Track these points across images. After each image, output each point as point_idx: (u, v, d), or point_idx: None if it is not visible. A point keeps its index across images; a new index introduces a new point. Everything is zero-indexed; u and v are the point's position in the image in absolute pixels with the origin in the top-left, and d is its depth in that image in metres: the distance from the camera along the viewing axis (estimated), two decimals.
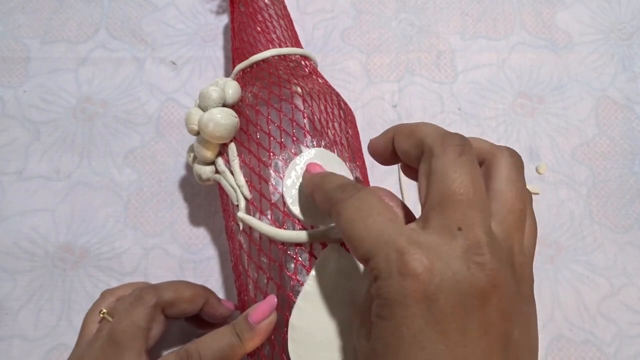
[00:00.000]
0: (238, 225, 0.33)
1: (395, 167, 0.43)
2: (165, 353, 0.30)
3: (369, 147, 0.28)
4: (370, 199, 0.24)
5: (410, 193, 0.42)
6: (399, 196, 0.42)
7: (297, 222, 0.31)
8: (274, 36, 0.39)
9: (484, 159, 0.25)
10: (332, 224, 0.30)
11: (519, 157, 0.25)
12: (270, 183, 0.32)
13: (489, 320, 0.21)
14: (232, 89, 0.35)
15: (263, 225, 0.31)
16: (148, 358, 0.31)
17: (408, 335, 0.20)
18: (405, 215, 0.25)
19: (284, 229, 0.30)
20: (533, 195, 0.42)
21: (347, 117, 0.37)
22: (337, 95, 0.38)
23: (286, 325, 0.29)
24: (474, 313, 0.20)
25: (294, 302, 0.29)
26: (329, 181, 0.27)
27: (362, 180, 0.35)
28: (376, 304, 0.22)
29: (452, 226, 0.21)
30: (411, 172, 0.28)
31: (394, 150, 0.26)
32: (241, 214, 0.32)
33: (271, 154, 0.32)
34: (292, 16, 0.43)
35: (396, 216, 0.23)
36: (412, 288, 0.20)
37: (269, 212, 0.31)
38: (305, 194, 0.31)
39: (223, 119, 0.33)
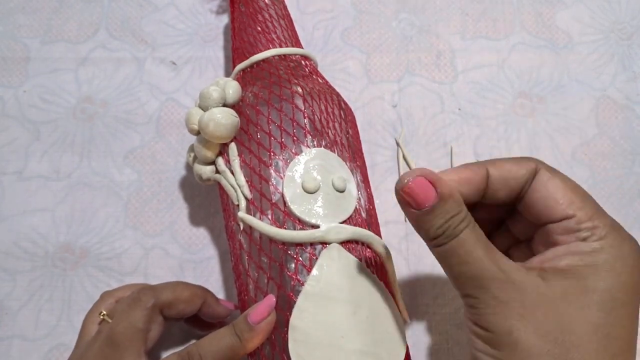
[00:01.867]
0: (238, 225, 0.33)
1: (395, 167, 0.43)
2: (165, 355, 0.30)
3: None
4: None
5: None
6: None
7: (297, 222, 0.31)
8: (274, 36, 0.39)
9: None
10: (333, 224, 0.30)
11: None
12: (270, 183, 0.32)
13: None
14: (233, 88, 0.35)
15: (263, 225, 0.31)
16: (147, 359, 0.31)
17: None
18: None
19: (285, 228, 0.30)
20: None
21: (348, 117, 0.37)
22: (338, 95, 0.38)
23: (287, 325, 0.29)
24: None
25: (295, 302, 0.29)
26: (511, 157, 0.28)
27: (363, 180, 0.35)
28: (608, 254, 0.23)
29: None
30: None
31: None
32: (242, 213, 0.32)
33: (272, 154, 0.32)
34: (292, 16, 0.43)
35: None
36: None
37: (269, 211, 0.31)
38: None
39: (223, 119, 0.33)
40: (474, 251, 0.23)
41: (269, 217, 0.31)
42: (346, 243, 0.31)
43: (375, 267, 0.32)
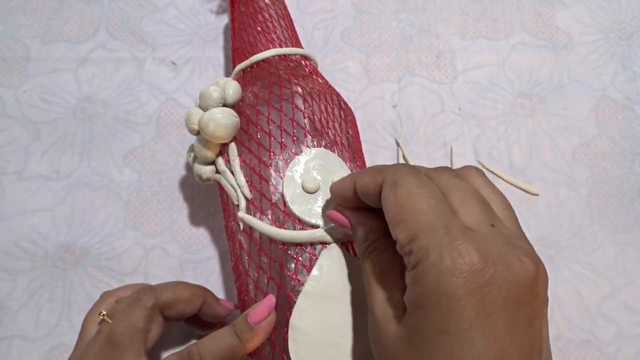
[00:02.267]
0: (238, 225, 0.33)
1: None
2: (165, 355, 0.30)
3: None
4: (427, 181, 0.23)
5: None
6: None
7: (297, 222, 0.31)
8: (274, 36, 0.39)
9: None
10: (333, 224, 0.30)
11: None
12: (270, 183, 0.32)
13: (535, 312, 0.20)
14: (233, 88, 0.35)
15: (263, 225, 0.31)
16: (147, 359, 0.31)
17: (456, 329, 0.19)
18: None
19: (285, 228, 0.30)
20: (532, 197, 0.42)
21: (348, 117, 0.37)
22: (338, 95, 0.38)
23: (287, 325, 0.29)
24: (524, 305, 0.20)
25: (295, 302, 0.29)
26: (376, 165, 0.26)
27: None
28: (416, 291, 0.20)
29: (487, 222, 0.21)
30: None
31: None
32: (242, 213, 0.32)
33: (272, 154, 0.32)
34: (292, 16, 0.43)
35: (447, 206, 0.22)
36: (467, 278, 0.19)
37: (269, 211, 0.31)
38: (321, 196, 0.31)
39: (224, 119, 0.33)
40: (366, 282, 0.25)
41: (269, 217, 0.31)
42: (346, 243, 0.31)
43: None
